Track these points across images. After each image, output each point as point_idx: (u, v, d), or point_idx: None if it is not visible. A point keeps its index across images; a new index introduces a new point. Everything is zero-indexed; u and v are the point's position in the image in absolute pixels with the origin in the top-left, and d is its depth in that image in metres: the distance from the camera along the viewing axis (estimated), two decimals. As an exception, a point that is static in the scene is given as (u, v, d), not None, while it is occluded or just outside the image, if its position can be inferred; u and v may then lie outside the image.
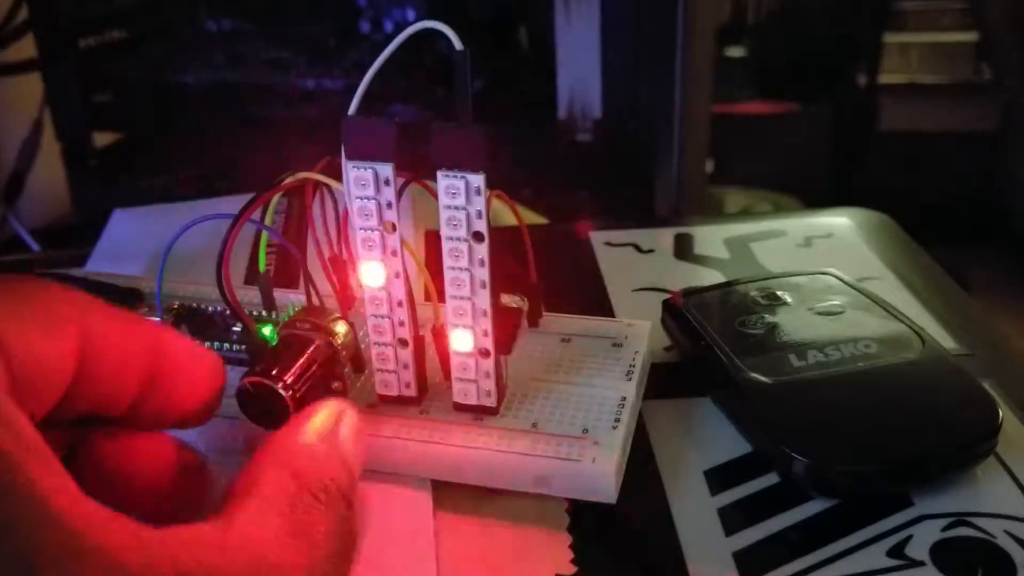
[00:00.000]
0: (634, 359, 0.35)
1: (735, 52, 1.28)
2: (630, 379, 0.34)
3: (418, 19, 0.28)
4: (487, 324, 0.30)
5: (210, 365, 0.28)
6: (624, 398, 0.33)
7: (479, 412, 0.32)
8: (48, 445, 0.20)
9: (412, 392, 0.32)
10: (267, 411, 0.29)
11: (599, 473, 0.30)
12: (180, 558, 0.19)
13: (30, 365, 0.22)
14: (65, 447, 0.26)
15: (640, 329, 0.36)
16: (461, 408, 0.32)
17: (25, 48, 0.73)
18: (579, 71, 0.67)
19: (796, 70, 1.30)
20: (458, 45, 0.27)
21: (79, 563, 0.18)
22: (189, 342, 0.28)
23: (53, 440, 0.26)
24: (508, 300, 0.34)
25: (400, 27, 0.70)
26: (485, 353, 0.31)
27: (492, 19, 0.70)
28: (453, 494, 0.31)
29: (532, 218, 0.62)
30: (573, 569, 0.29)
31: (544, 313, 0.37)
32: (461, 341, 0.31)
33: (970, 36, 1.29)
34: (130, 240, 0.50)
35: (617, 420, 0.31)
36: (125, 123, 0.75)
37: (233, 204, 0.32)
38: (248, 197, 0.32)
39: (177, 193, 0.55)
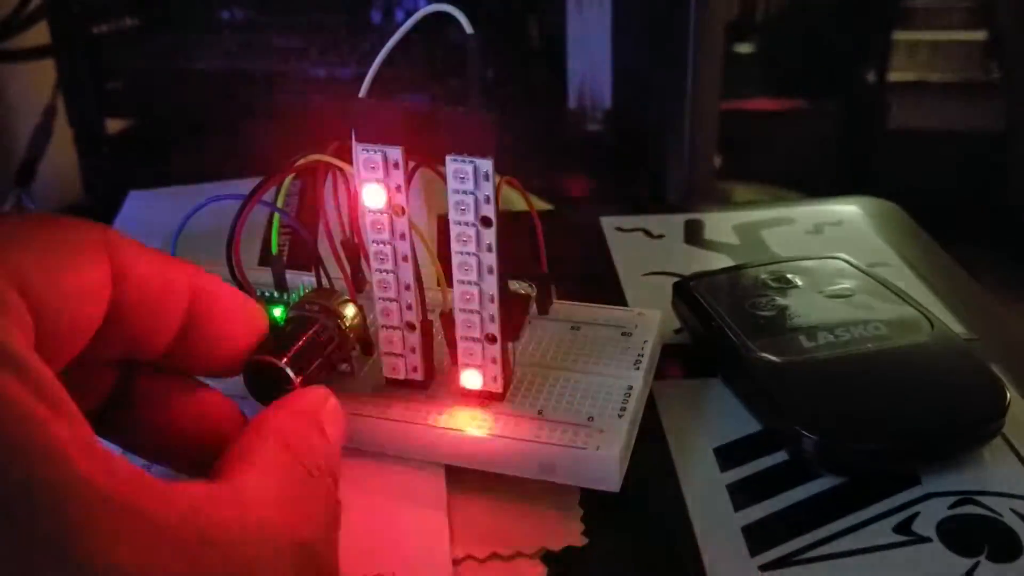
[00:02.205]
0: (643, 348, 0.34)
1: (743, 48, 1.27)
2: (638, 368, 0.33)
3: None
4: (494, 309, 0.30)
5: (252, 310, 0.28)
6: (631, 387, 0.32)
7: (485, 398, 0.32)
8: (72, 398, 0.19)
9: (419, 376, 0.32)
10: (274, 390, 0.29)
11: (603, 461, 0.30)
12: (195, 511, 0.19)
13: (59, 303, 0.21)
14: (108, 389, 0.26)
15: (650, 318, 0.36)
16: (467, 393, 0.32)
17: (39, 35, 0.73)
18: (589, 61, 0.67)
19: (804, 67, 1.29)
20: (468, 29, 0.27)
21: (104, 518, 0.18)
22: (229, 286, 0.28)
23: (96, 379, 0.26)
24: (517, 286, 0.34)
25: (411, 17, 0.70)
26: (491, 339, 0.31)
27: (502, 8, 0.70)
28: (466, 468, 0.31)
29: (539, 205, 0.62)
30: (584, 541, 0.29)
31: (554, 300, 0.37)
32: (467, 326, 0.31)
33: (979, 34, 1.29)
34: (145, 220, 0.50)
35: (623, 409, 0.31)
36: (137, 110, 0.75)
37: (247, 186, 0.32)
38: (260, 180, 0.32)
39: (188, 179, 0.55)
